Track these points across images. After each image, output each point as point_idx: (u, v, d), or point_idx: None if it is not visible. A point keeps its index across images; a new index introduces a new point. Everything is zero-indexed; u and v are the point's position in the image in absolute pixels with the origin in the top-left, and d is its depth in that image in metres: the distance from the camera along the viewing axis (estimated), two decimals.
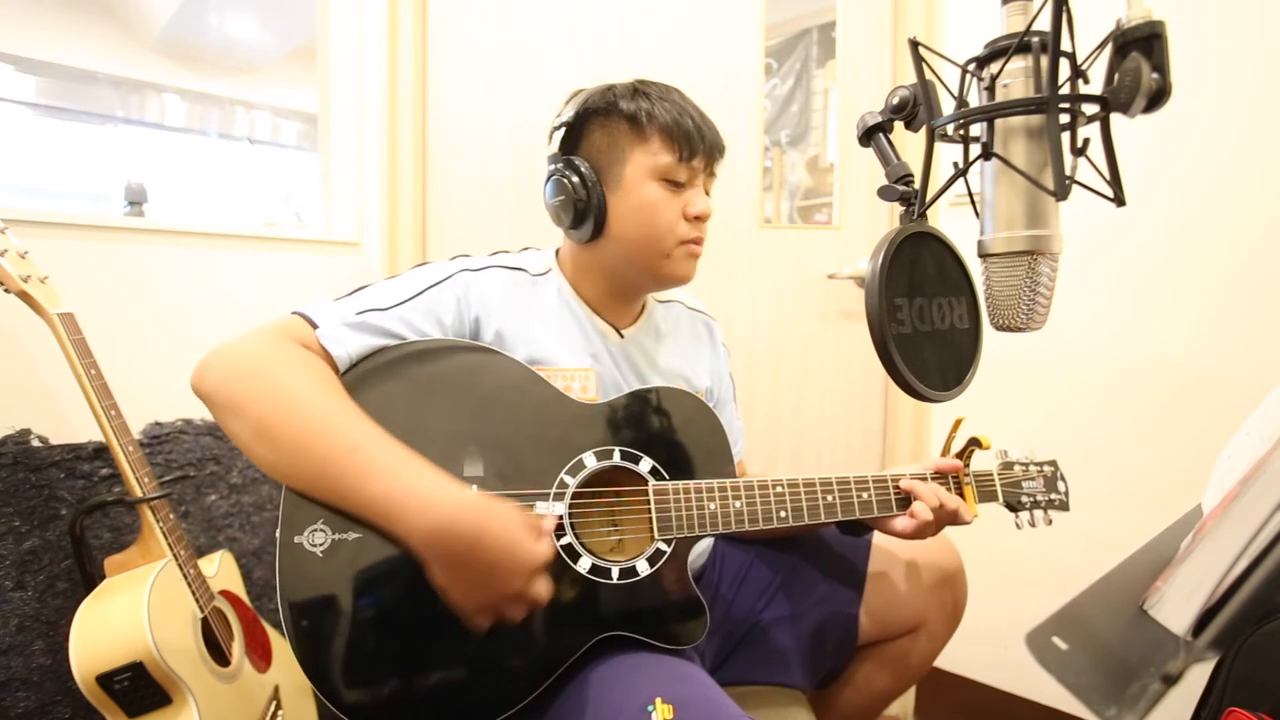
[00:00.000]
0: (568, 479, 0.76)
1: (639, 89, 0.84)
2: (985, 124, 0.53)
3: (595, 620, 0.74)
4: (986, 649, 1.45)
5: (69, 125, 2.60)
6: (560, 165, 0.84)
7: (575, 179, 0.83)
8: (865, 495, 0.85)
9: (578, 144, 0.85)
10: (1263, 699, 0.48)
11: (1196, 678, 0.48)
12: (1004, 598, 1.44)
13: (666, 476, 0.79)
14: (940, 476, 0.89)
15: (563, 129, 0.85)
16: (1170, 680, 0.40)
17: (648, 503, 0.78)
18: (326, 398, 0.68)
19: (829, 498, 0.84)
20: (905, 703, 1.62)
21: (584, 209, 0.83)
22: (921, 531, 0.84)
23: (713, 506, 0.79)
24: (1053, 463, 0.94)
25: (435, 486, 0.64)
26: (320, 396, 0.68)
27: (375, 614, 0.68)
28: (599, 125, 0.84)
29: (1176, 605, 0.49)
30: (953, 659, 1.46)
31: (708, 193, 0.87)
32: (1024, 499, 0.91)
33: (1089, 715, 0.41)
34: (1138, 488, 1.31)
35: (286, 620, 0.66)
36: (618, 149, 0.83)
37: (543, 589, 0.65)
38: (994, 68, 0.53)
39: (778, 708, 0.96)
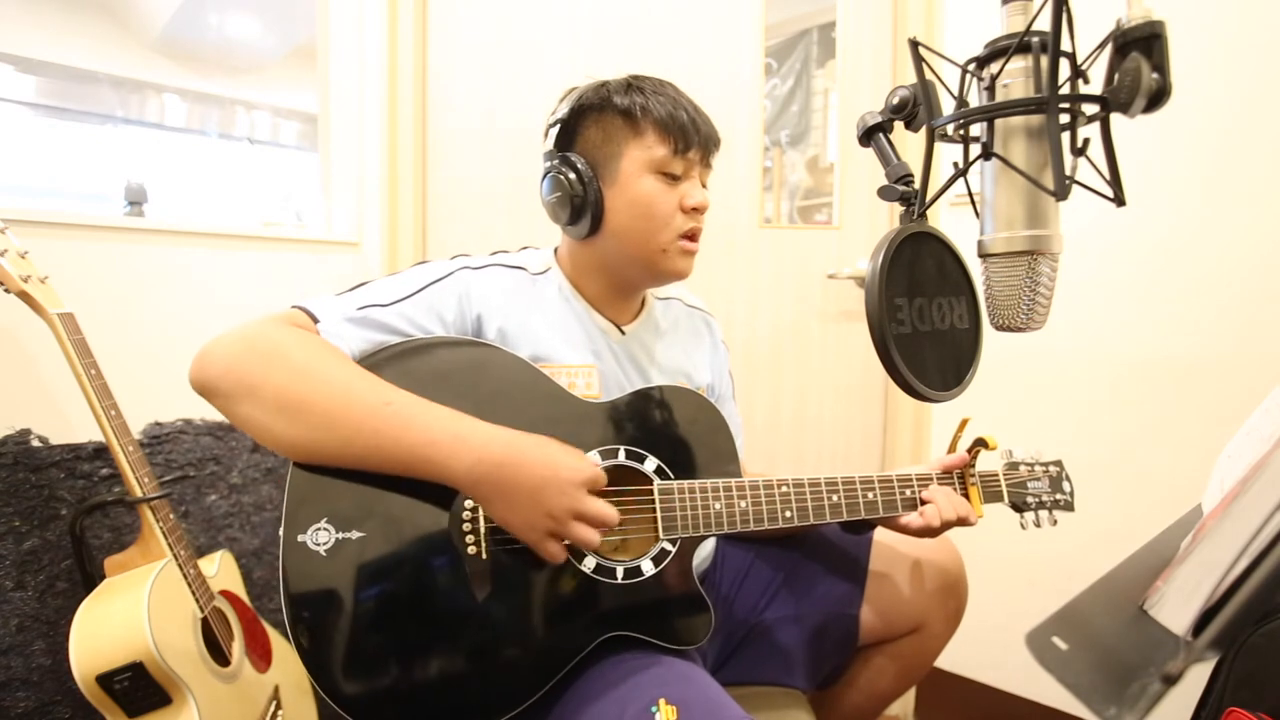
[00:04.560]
0: None
1: (633, 84, 0.84)
2: (985, 124, 0.53)
3: (599, 620, 0.74)
4: (986, 649, 1.45)
5: (69, 125, 2.60)
6: (556, 162, 0.84)
7: (571, 175, 0.82)
8: (871, 495, 0.85)
9: (573, 140, 0.85)
10: (1263, 699, 0.48)
11: (1196, 678, 0.48)
12: (1004, 598, 1.44)
13: (671, 475, 0.79)
14: (946, 475, 0.89)
15: (558, 126, 0.85)
16: (1170, 680, 0.40)
17: (653, 502, 0.78)
18: (343, 365, 0.70)
19: (834, 497, 0.84)
20: (905, 703, 1.62)
21: (580, 204, 0.83)
22: (927, 530, 0.85)
23: (718, 506, 0.79)
24: (1058, 463, 0.94)
25: (469, 425, 0.69)
26: (337, 364, 0.70)
27: (379, 613, 0.68)
28: (594, 121, 0.84)
29: (1176, 605, 0.49)
30: (953, 659, 1.46)
31: (704, 185, 0.87)
32: (1029, 499, 0.91)
33: (1089, 715, 0.41)
34: (1138, 488, 1.31)
35: (290, 619, 0.66)
36: (613, 143, 0.83)
37: (602, 506, 0.68)
38: (994, 68, 0.53)
39: (778, 708, 0.96)
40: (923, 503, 0.86)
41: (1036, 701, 1.44)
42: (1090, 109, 0.52)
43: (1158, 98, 0.49)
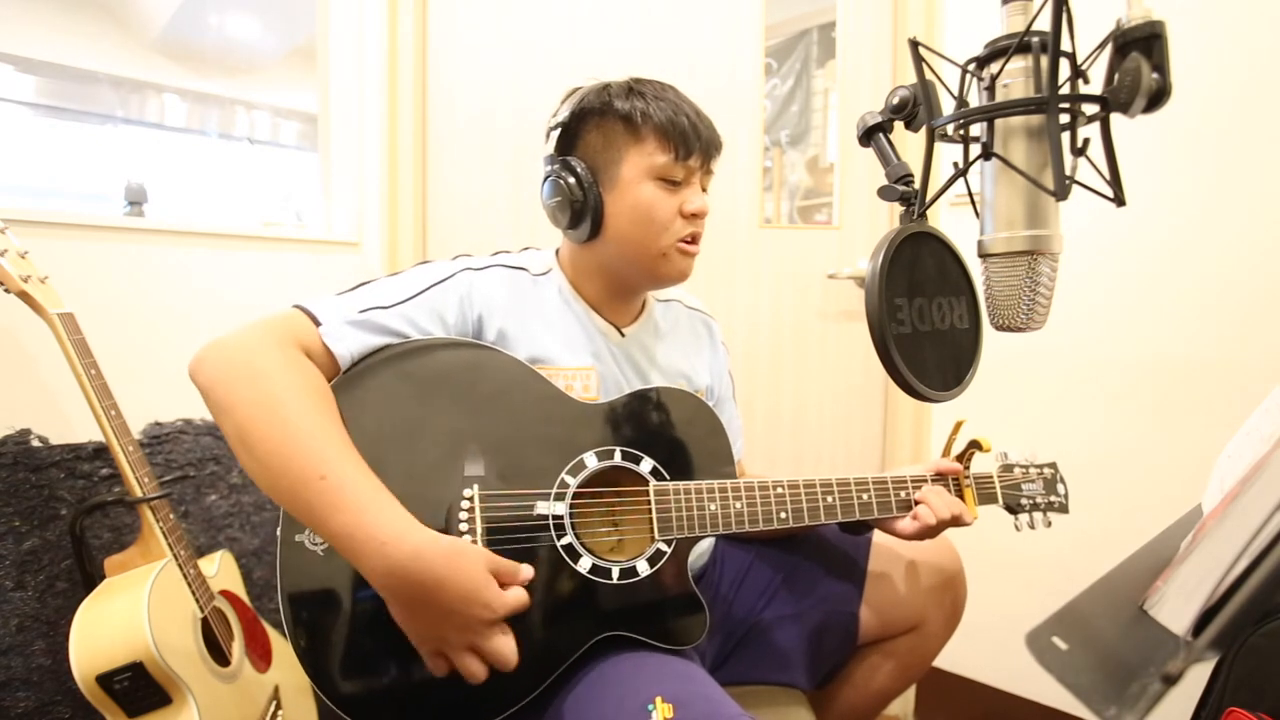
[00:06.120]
0: (568, 479, 0.76)
1: (634, 88, 0.83)
2: (985, 124, 0.53)
3: (595, 620, 0.74)
4: (986, 649, 1.45)
5: (69, 125, 2.59)
6: (556, 166, 0.84)
7: (571, 179, 0.82)
8: (865, 497, 0.85)
9: (574, 144, 0.85)
10: (1263, 699, 0.48)
11: (1196, 678, 0.48)
12: (1004, 598, 1.44)
13: (667, 477, 0.79)
14: (940, 477, 0.89)
15: (559, 129, 0.85)
16: (1170, 680, 0.40)
17: (648, 503, 0.78)
18: (310, 415, 0.66)
19: (829, 499, 0.84)
20: (905, 703, 1.62)
21: (580, 209, 0.83)
22: (923, 534, 0.84)
23: (713, 507, 0.79)
24: (1053, 465, 0.94)
25: (397, 528, 0.62)
26: (304, 413, 0.66)
27: (376, 612, 0.68)
28: (594, 125, 0.84)
29: (1176, 605, 0.49)
30: (953, 659, 1.46)
31: (705, 190, 0.87)
32: (1024, 501, 0.91)
33: (1089, 715, 0.41)
34: (1138, 488, 1.31)
35: (287, 618, 0.67)
36: (613, 149, 0.83)
37: (503, 647, 0.63)
38: (994, 68, 0.53)
39: (778, 707, 0.96)
40: (916, 503, 0.86)
41: (1036, 701, 1.44)
42: (1090, 109, 0.52)
43: (1158, 98, 0.49)
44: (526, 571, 0.67)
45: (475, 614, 0.62)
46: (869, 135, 0.62)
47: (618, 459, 0.78)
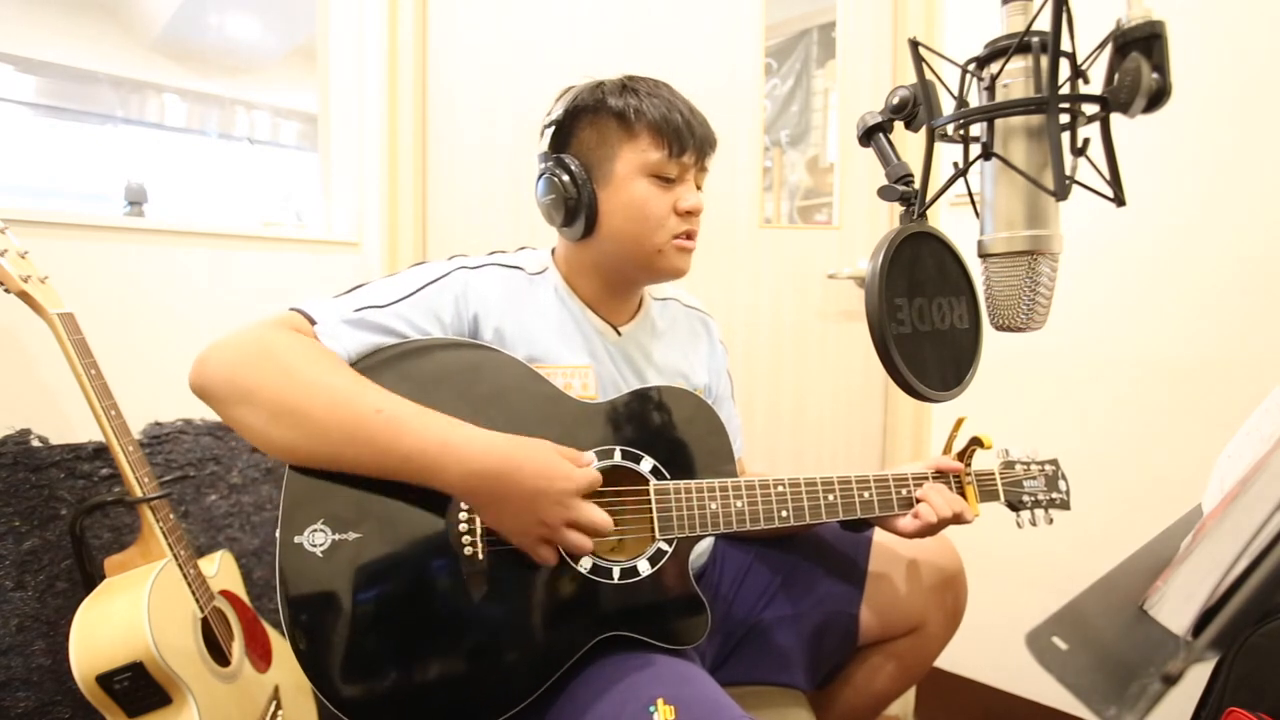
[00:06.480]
0: None
1: (627, 85, 0.83)
2: (985, 124, 0.53)
3: (596, 620, 0.74)
4: (986, 649, 1.45)
5: (69, 125, 2.60)
6: (551, 164, 0.84)
7: (565, 177, 0.82)
8: (866, 495, 0.85)
9: (568, 142, 0.85)
10: (1263, 699, 0.48)
11: (1196, 678, 0.48)
12: (1004, 598, 1.44)
13: (667, 476, 0.79)
14: (941, 475, 0.89)
15: (553, 127, 0.85)
16: (1170, 680, 0.40)
17: (649, 502, 0.78)
18: (338, 370, 0.70)
19: (830, 497, 0.84)
20: (905, 703, 1.62)
21: (575, 207, 0.83)
22: (924, 531, 0.84)
23: (714, 506, 0.79)
24: (1054, 462, 0.94)
25: (464, 433, 0.68)
26: (332, 370, 0.70)
27: (376, 614, 0.68)
28: (588, 123, 0.84)
29: (1176, 605, 0.49)
30: (953, 659, 1.46)
31: (699, 187, 0.87)
32: (1025, 498, 0.91)
33: (1089, 715, 0.41)
34: (1137, 488, 1.31)
35: (287, 620, 0.66)
36: (607, 146, 0.83)
37: (595, 513, 0.68)
38: (994, 68, 0.53)
39: (778, 708, 0.96)
40: (917, 501, 0.85)
41: (1036, 701, 1.44)
42: (1090, 109, 0.52)
43: (1158, 98, 0.49)
44: (589, 455, 0.72)
45: (558, 487, 0.66)
46: (869, 135, 0.62)
47: (617, 458, 0.78)
